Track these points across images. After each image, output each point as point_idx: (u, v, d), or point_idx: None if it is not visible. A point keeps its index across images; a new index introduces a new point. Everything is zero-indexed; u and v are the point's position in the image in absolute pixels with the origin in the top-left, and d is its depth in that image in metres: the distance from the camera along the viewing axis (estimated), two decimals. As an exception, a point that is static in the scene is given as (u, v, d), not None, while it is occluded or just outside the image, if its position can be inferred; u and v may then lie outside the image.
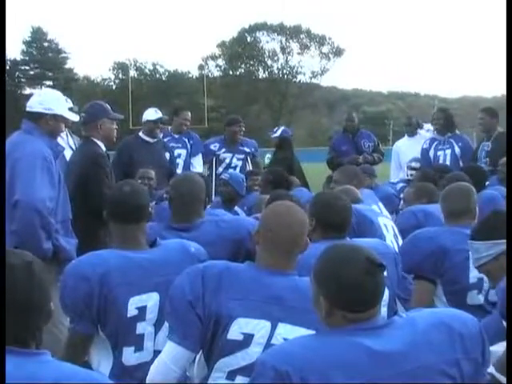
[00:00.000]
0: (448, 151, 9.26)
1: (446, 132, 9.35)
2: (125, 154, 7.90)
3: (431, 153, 9.40)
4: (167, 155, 8.54)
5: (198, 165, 9.27)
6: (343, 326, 2.46)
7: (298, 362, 2.34)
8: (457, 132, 9.49)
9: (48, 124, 5.18)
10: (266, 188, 6.77)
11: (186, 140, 9.29)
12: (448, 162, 9.07)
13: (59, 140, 5.78)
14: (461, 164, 8.85)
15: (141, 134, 8.43)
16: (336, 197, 4.40)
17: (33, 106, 5.23)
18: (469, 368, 2.54)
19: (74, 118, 5.47)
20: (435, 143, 9.44)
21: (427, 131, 10.66)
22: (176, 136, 9.28)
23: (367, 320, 2.46)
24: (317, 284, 2.53)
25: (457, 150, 9.20)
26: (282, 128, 10.45)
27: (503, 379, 3.03)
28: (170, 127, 9.45)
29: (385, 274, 3.87)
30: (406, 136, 10.98)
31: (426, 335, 2.49)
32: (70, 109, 5.42)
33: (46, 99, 5.25)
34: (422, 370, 2.43)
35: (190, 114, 9.57)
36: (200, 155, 9.30)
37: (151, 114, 8.42)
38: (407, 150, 10.50)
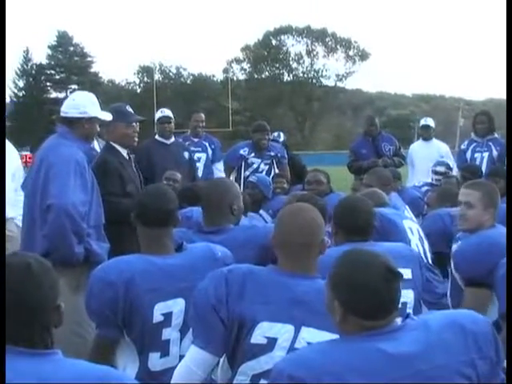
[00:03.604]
0: (485, 154, 9.19)
1: (487, 135, 9.28)
2: (143, 157, 7.90)
3: (468, 154, 9.35)
4: (186, 155, 8.57)
5: (221, 169, 9.30)
6: (358, 332, 2.45)
7: (314, 367, 2.35)
8: (496, 135, 9.41)
9: (84, 127, 5.22)
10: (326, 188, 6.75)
11: (207, 144, 9.39)
12: (484, 165, 8.99)
13: None
14: None
15: (156, 136, 8.50)
16: (357, 200, 4.39)
17: (68, 111, 5.25)
18: (484, 367, 2.53)
19: (108, 117, 5.50)
20: (473, 145, 9.37)
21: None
22: (195, 140, 9.40)
23: (382, 327, 2.45)
24: (332, 289, 2.52)
25: (494, 153, 9.12)
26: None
27: None
28: (188, 131, 9.56)
29: (409, 277, 3.91)
30: (420, 139, 10.95)
31: (439, 336, 2.49)
32: None
33: (80, 103, 5.27)
34: (438, 370, 2.43)
35: (202, 115, 9.70)
36: (222, 162, 9.37)
37: (157, 115, 8.57)
38: (418, 152, 10.54)
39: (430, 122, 10.90)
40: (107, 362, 3.37)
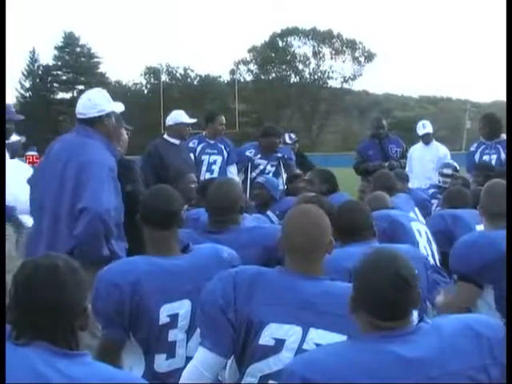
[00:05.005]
0: (494, 156, 9.19)
1: (492, 138, 9.27)
2: (155, 156, 7.86)
3: (477, 156, 9.35)
4: (191, 156, 8.59)
5: (235, 173, 9.23)
6: (370, 331, 2.46)
7: (327, 369, 2.35)
8: (504, 137, 9.37)
9: (104, 125, 5.15)
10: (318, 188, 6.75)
11: (222, 147, 9.21)
12: None
13: None
14: None
15: (166, 136, 8.31)
16: (347, 201, 4.41)
17: (86, 112, 5.17)
18: (496, 372, 2.52)
19: (120, 107, 5.45)
20: (482, 147, 9.38)
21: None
22: (211, 142, 9.21)
23: (396, 329, 2.45)
24: (352, 284, 2.55)
25: (503, 155, 9.11)
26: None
27: None
28: (204, 133, 9.41)
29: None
30: (420, 142, 10.91)
31: (453, 341, 2.48)
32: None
33: (97, 102, 5.20)
34: (450, 375, 2.42)
35: (224, 118, 9.50)
36: (235, 164, 9.28)
37: (185, 116, 8.33)
38: (417, 155, 10.54)
39: (428, 128, 10.88)
40: (113, 363, 3.37)
